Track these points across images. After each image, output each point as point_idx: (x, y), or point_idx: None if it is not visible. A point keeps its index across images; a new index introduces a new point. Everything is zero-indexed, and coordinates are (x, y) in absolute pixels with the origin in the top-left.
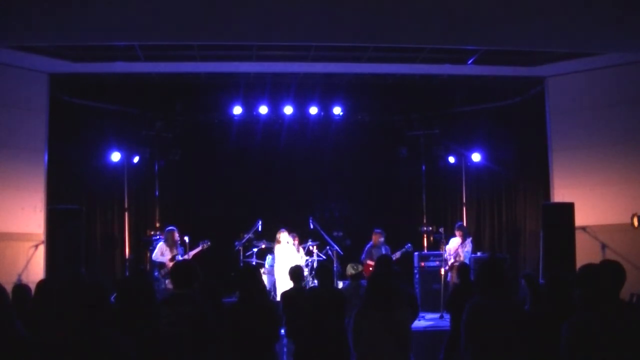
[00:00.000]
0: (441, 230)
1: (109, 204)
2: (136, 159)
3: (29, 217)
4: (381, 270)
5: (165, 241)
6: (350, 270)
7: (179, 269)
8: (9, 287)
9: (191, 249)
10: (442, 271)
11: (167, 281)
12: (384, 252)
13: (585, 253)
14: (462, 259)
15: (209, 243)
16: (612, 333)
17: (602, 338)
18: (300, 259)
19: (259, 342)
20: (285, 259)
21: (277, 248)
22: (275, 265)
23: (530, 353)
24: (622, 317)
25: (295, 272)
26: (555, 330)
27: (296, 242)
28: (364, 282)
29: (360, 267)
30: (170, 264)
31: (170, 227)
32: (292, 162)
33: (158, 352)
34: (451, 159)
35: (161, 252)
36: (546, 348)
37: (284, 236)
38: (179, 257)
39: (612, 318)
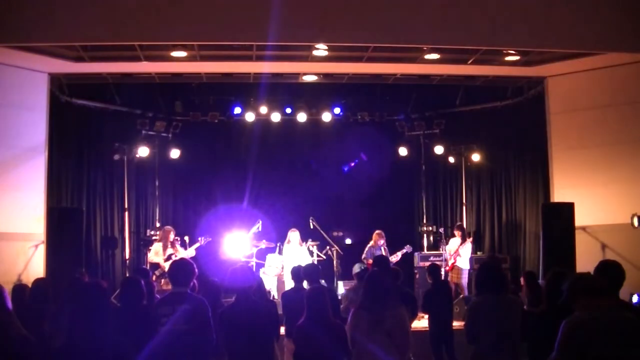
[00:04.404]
0: (441, 230)
1: (109, 204)
2: (136, 159)
3: (29, 217)
4: (377, 270)
5: (160, 241)
6: (357, 269)
7: (177, 267)
8: (9, 287)
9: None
10: (443, 271)
11: (161, 282)
12: (383, 252)
13: (585, 253)
14: (462, 258)
15: (209, 238)
16: (611, 333)
17: (601, 338)
18: (307, 258)
19: (257, 342)
20: (295, 260)
21: (287, 248)
22: (285, 265)
23: (530, 351)
24: (621, 317)
25: (296, 272)
26: (554, 328)
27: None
28: None
29: (365, 266)
30: (164, 265)
31: (166, 227)
32: (292, 162)
33: (157, 351)
34: (451, 159)
35: (155, 253)
36: (546, 346)
37: (294, 235)
38: (176, 257)
39: (611, 318)
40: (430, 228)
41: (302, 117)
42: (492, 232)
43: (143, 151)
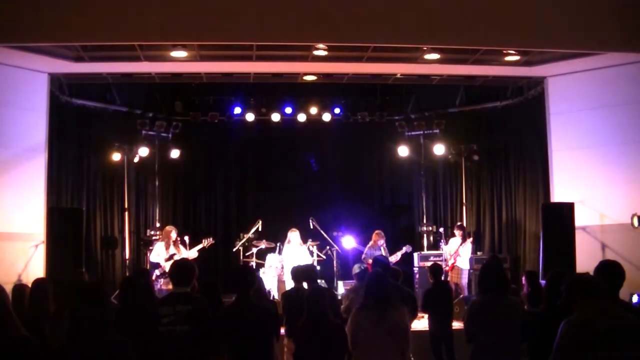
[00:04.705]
0: (441, 230)
1: (109, 204)
2: (136, 159)
3: (29, 217)
4: (378, 270)
5: (162, 240)
6: (356, 269)
7: (177, 268)
8: (9, 287)
9: (192, 247)
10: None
11: (160, 281)
12: (382, 252)
13: (585, 253)
14: (462, 258)
15: (212, 240)
16: (610, 334)
17: (600, 339)
18: (308, 258)
19: (257, 342)
20: (295, 260)
21: (288, 248)
22: (286, 265)
23: (530, 351)
24: (620, 318)
25: (296, 272)
26: (554, 328)
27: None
28: None
29: (365, 266)
30: (165, 265)
31: (167, 227)
32: (292, 162)
33: (158, 352)
34: (451, 159)
35: (157, 253)
36: (546, 346)
37: (294, 236)
38: (178, 256)
39: (610, 318)
40: (430, 228)
41: (302, 117)
42: (492, 232)
43: (143, 151)
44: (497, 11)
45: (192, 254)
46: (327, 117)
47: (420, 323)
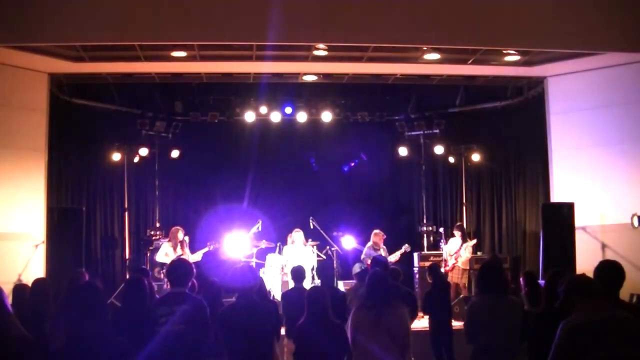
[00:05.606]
0: (441, 230)
1: (109, 204)
2: (136, 159)
3: (29, 217)
4: (378, 270)
5: (170, 241)
6: (356, 269)
7: (175, 268)
8: (9, 287)
9: (192, 248)
10: (442, 271)
11: (166, 281)
12: (382, 252)
13: (585, 253)
14: (462, 259)
15: (217, 244)
16: (609, 334)
17: (599, 339)
18: (311, 259)
19: (257, 342)
20: (299, 260)
21: (290, 248)
22: (289, 265)
23: (530, 351)
24: (619, 318)
25: (296, 272)
26: (554, 328)
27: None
28: None
29: (365, 266)
30: None
31: (173, 227)
32: (291, 162)
33: (157, 351)
34: (451, 159)
35: (165, 253)
36: (546, 346)
37: (298, 236)
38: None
39: (609, 319)
40: (430, 228)
41: (302, 117)
42: (492, 232)
43: (143, 151)
44: (497, 11)
45: (197, 256)
46: (327, 117)
47: (420, 323)
